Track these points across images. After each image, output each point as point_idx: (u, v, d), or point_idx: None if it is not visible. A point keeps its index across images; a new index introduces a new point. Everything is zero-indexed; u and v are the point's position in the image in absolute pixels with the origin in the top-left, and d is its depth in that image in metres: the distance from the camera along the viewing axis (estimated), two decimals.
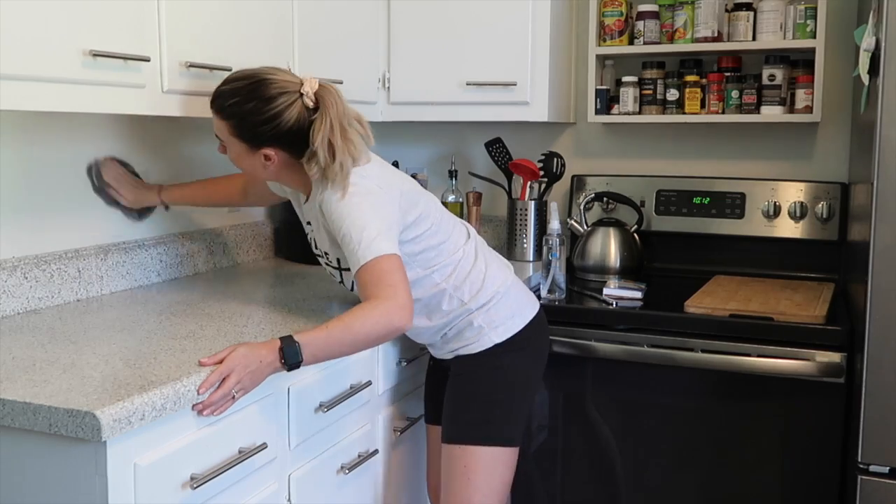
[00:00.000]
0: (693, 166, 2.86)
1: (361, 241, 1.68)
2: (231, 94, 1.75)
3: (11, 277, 1.91)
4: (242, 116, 1.74)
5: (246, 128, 1.75)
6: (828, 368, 2.08)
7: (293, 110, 1.73)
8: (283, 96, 1.72)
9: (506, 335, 1.93)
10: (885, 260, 1.88)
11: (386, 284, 1.65)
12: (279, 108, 1.72)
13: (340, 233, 1.72)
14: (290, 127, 1.73)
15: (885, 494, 1.94)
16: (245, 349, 1.53)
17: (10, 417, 1.31)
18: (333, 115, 1.72)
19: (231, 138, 1.78)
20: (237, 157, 1.82)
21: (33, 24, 1.54)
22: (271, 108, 1.72)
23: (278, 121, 1.72)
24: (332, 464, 1.89)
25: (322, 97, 1.74)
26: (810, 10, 2.52)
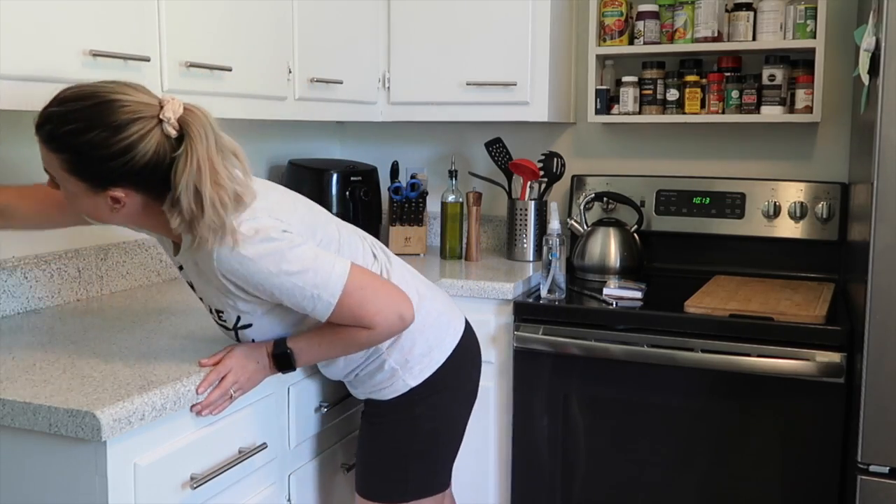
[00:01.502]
0: (693, 166, 2.86)
1: (316, 286, 1.46)
2: (64, 119, 1.34)
3: (11, 277, 1.91)
4: (80, 150, 1.34)
5: (86, 164, 1.36)
6: (828, 368, 2.08)
7: (150, 141, 1.35)
8: (136, 123, 1.34)
9: (423, 376, 1.69)
10: (885, 260, 1.88)
11: (369, 309, 1.51)
12: (131, 140, 1.34)
13: (273, 294, 1.46)
14: (147, 163, 1.35)
15: (885, 494, 1.94)
16: (243, 350, 1.53)
17: (10, 417, 1.31)
18: (202, 153, 1.36)
19: (65, 175, 1.38)
20: (73, 197, 1.42)
21: (33, 23, 1.54)
22: (121, 138, 1.33)
23: (130, 155, 1.34)
24: (332, 464, 1.89)
25: (188, 124, 1.37)
26: (810, 10, 2.52)
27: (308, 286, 1.46)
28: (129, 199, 1.40)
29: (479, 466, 2.44)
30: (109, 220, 1.47)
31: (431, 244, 3.06)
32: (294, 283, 1.45)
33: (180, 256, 1.53)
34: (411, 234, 2.92)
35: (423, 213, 2.93)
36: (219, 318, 1.59)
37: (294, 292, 1.46)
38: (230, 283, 1.46)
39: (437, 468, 1.78)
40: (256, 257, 1.42)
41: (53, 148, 1.37)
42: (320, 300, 1.47)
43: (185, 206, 1.35)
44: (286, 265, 1.44)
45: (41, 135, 1.38)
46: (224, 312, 1.55)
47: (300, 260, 1.45)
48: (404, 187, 2.94)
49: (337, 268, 1.49)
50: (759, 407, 2.17)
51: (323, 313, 1.49)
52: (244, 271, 1.43)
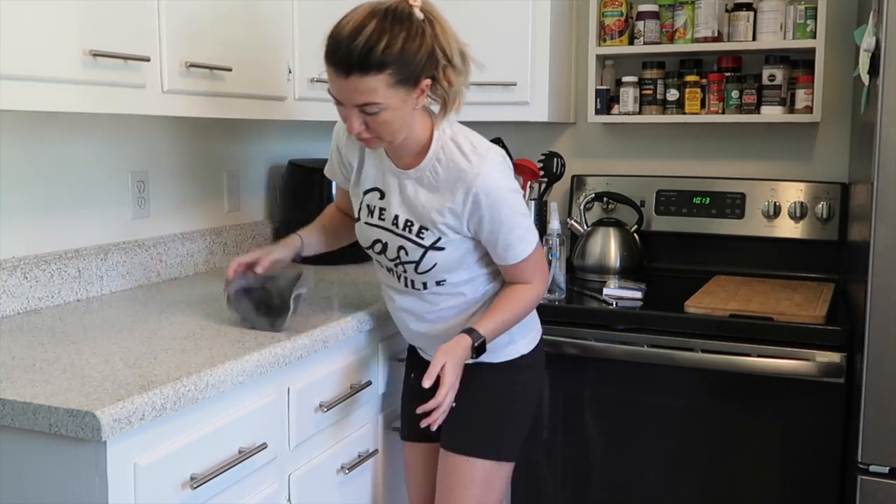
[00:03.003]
0: (693, 166, 2.86)
1: (526, 232, 1.73)
2: (374, 40, 1.53)
3: (11, 277, 1.91)
4: (399, 57, 1.54)
5: (406, 67, 1.56)
6: (828, 368, 2.08)
7: (423, 26, 1.58)
8: (408, 17, 1.56)
9: (529, 346, 1.90)
10: (885, 260, 1.88)
11: (542, 267, 1.82)
12: (415, 30, 1.56)
13: (501, 222, 1.70)
14: (433, 44, 1.59)
15: (885, 494, 1.94)
16: (453, 360, 1.72)
17: (10, 417, 1.31)
18: (446, 24, 1.63)
19: (389, 91, 1.56)
20: (391, 117, 1.60)
21: (33, 24, 1.54)
22: (413, 32, 1.56)
23: (425, 42, 1.58)
24: (332, 464, 1.89)
25: (427, 5, 1.61)
26: (810, 10, 2.52)
27: (523, 228, 1.73)
28: (427, 87, 1.62)
29: None
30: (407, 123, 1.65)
31: None
32: (517, 222, 1.72)
33: (414, 171, 1.73)
34: None
35: None
36: (416, 236, 1.74)
37: (513, 229, 1.71)
38: (470, 200, 1.68)
39: (519, 437, 1.91)
40: (514, 189, 1.72)
41: (377, 70, 1.53)
42: (525, 241, 1.74)
43: (459, 66, 1.62)
44: (520, 206, 1.73)
45: (358, 69, 1.53)
46: (428, 230, 1.73)
47: (523, 204, 1.75)
48: None
49: (535, 231, 1.77)
50: (759, 407, 2.17)
51: (520, 254, 1.74)
52: (497, 193, 1.68)
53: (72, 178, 2.10)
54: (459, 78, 1.65)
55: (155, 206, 2.36)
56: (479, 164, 1.67)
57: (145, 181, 2.32)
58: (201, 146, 2.54)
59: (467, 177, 1.67)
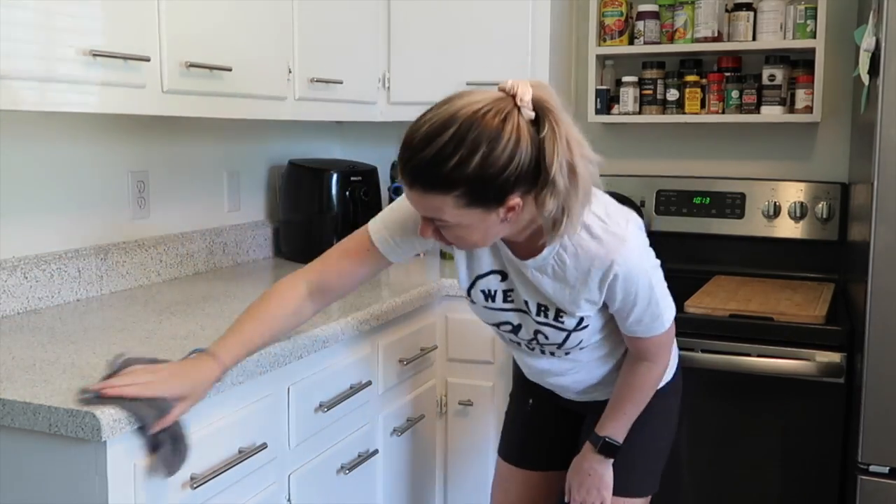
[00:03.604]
0: (693, 166, 2.86)
1: (663, 311, 1.56)
2: (444, 156, 1.28)
3: (11, 277, 1.91)
4: (473, 177, 1.28)
5: (482, 187, 1.30)
6: (828, 368, 2.08)
7: (523, 134, 1.29)
8: (506, 124, 1.28)
9: (671, 372, 1.75)
10: (885, 260, 1.88)
11: (669, 343, 1.64)
12: (511, 141, 1.28)
13: (636, 302, 1.50)
14: (531, 157, 1.30)
15: (885, 494, 1.94)
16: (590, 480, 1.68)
17: (10, 417, 1.31)
18: (564, 127, 1.31)
19: (459, 211, 1.32)
20: (465, 232, 1.38)
21: (33, 24, 1.54)
22: (503, 145, 1.27)
23: (517, 157, 1.29)
24: (332, 464, 1.89)
25: (542, 101, 1.31)
26: (810, 10, 2.52)
27: (661, 307, 1.54)
28: (517, 207, 1.34)
29: (479, 466, 2.44)
30: (495, 235, 1.43)
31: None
32: (656, 301, 1.52)
33: (535, 261, 1.49)
34: None
35: None
36: (555, 321, 1.57)
37: (648, 307, 1.52)
38: (606, 286, 1.48)
39: (663, 469, 1.79)
40: (655, 265, 1.53)
41: (442, 189, 1.30)
42: (659, 320, 1.55)
43: (560, 187, 1.30)
44: (659, 283, 1.54)
45: (421, 184, 1.31)
46: (566, 314, 1.55)
47: (663, 280, 1.57)
48: None
49: (672, 301, 1.60)
50: (759, 407, 2.17)
51: (649, 332, 1.56)
52: (636, 275, 1.48)
53: (72, 178, 2.10)
54: (555, 200, 1.31)
55: (155, 206, 2.36)
56: (617, 246, 1.46)
57: (145, 181, 2.32)
58: (201, 146, 2.54)
59: (603, 263, 1.46)
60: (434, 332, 2.36)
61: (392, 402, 2.15)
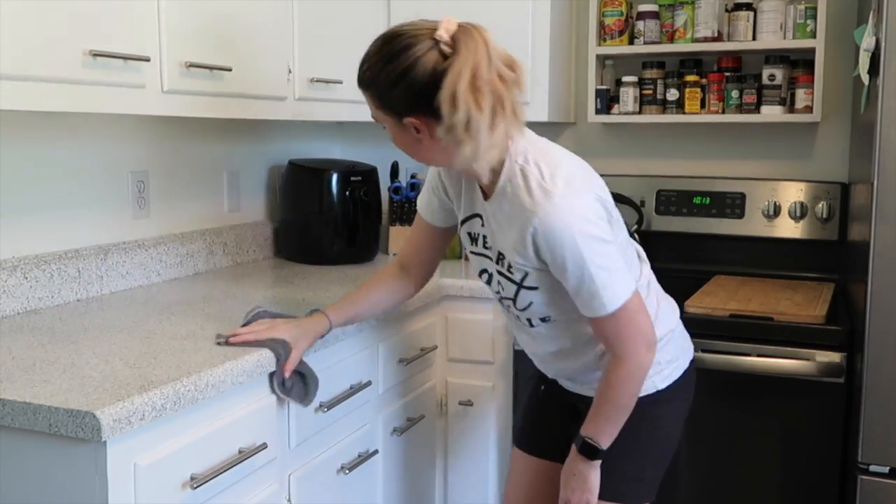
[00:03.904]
0: (693, 166, 2.86)
1: (601, 288, 1.48)
2: (365, 60, 1.50)
3: (11, 277, 1.91)
4: (377, 84, 1.48)
5: (383, 96, 1.48)
6: (828, 368, 2.08)
7: (426, 61, 1.42)
8: (412, 47, 1.43)
9: (670, 380, 1.70)
10: (885, 260, 1.88)
11: (629, 334, 1.53)
12: (408, 62, 1.43)
13: (566, 269, 1.47)
14: (422, 82, 1.42)
15: (885, 494, 1.94)
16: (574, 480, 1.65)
17: (10, 417, 1.31)
18: (464, 61, 1.40)
19: (378, 113, 1.53)
20: (393, 136, 1.55)
21: (33, 24, 1.54)
22: (401, 63, 1.43)
23: (408, 78, 1.43)
24: (332, 464, 1.89)
25: (458, 40, 1.42)
26: (810, 10, 2.52)
27: (596, 282, 1.47)
28: (424, 127, 1.47)
29: (479, 466, 2.44)
30: (425, 155, 1.55)
31: None
32: (588, 271, 1.46)
33: (489, 203, 1.57)
34: None
35: None
36: (507, 271, 1.59)
37: (583, 281, 1.48)
38: (530, 242, 1.49)
39: (659, 478, 1.75)
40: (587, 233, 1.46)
41: (363, 88, 1.52)
42: (597, 298, 1.49)
43: (444, 113, 1.39)
44: (592, 254, 1.46)
45: (358, 84, 1.52)
46: (514, 268, 1.57)
47: (607, 256, 1.48)
48: (404, 187, 2.94)
49: (626, 285, 1.51)
50: (759, 407, 2.17)
51: (594, 310, 1.51)
52: (558, 237, 1.45)
53: (72, 178, 2.10)
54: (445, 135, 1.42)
55: (155, 206, 2.36)
56: (540, 201, 1.46)
57: (145, 181, 2.32)
58: (201, 146, 2.54)
59: (526, 214, 1.48)
60: (434, 332, 2.36)
61: (392, 402, 2.16)
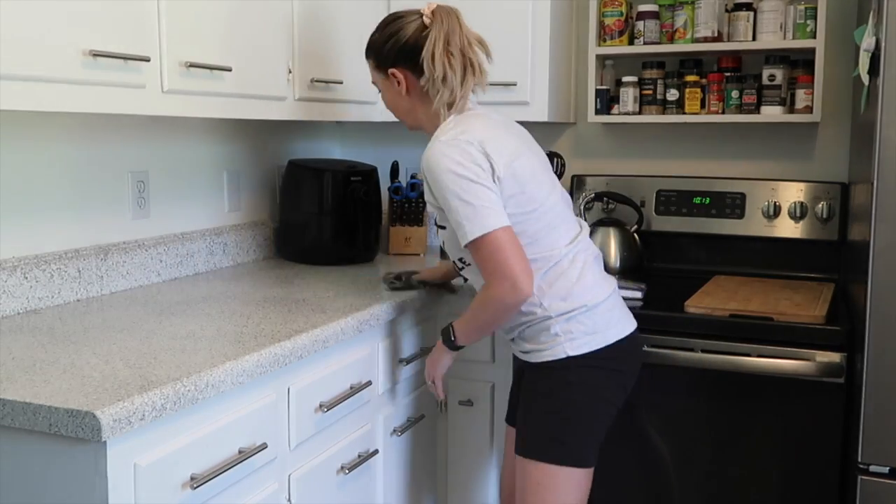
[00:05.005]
0: (693, 166, 2.86)
1: (463, 219, 1.73)
2: (371, 35, 1.98)
3: (11, 277, 1.91)
4: (375, 47, 1.96)
5: (377, 53, 1.95)
6: (828, 368, 2.08)
7: (408, 29, 1.90)
8: (402, 18, 1.92)
9: (580, 350, 1.80)
10: (885, 260, 1.88)
11: (492, 267, 1.73)
12: (397, 27, 1.91)
13: (442, 200, 1.77)
14: (407, 41, 1.89)
15: (885, 494, 1.94)
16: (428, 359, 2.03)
17: (10, 417, 1.31)
18: (439, 30, 1.86)
19: (375, 73, 1.99)
20: (383, 93, 2.01)
21: (33, 24, 1.54)
22: (392, 28, 1.92)
23: (396, 37, 1.90)
24: (332, 464, 1.89)
25: (435, 14, 1.89)
26: (810, 10, 2.52)
27: (460, 214, 1.73)
28: (404, 77, 1.92)
29: (479, 465, 2.44)
30: (403, 104, 1.98)
31: (431, 244, 3.05)
32: (453, 206, 1.73)
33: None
34: (411, 234, 2.92)
35: (423, 213, 2.93)
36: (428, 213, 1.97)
37: (450, 212, 1.75)
38: (425, 178, 1.82)
39: (582, 440, 1.85)
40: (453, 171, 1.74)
41: (367, 57, 2.00)
42: (462, 229, 1.73)
43: (427, 73, 1.86)
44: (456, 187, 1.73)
45: (366, 56, 2.01)
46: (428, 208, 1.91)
47: (474, 194, 1.72)
48: (404, 187, 2.93)
49: (490, 219, 1.72)
50: (759, 407, 2.17)
51: (462, 238, 1.75)
52: (432, 171, 1.77)
53: (72, 178, 2.10)
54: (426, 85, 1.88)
55: (155, 206, 2.36)
56: (431, 144, 1.81)
57: (145, 181, 2.32)
58: (201, 146, 2.54)
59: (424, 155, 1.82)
60: (434, 332, 2.36)
61: (392, 402, 2.16)
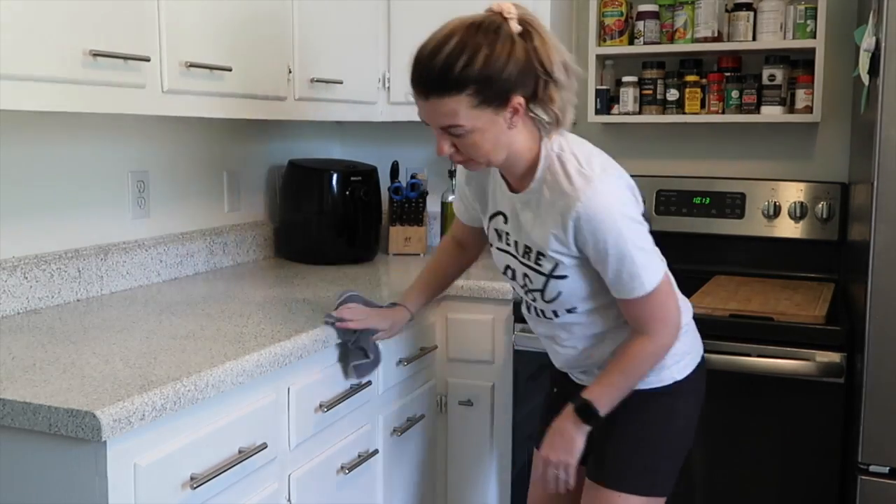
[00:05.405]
0: (693, 166, 2.86)
1: (640, 269, 1.53)
2: (454, 58, 1.44)
3: (11, 277, 1.91)
4: (483, 74, 1.43)
5: (490, 84, 1.45)
6: (828, 368, 2.08)
7: (516, 39, 1.46)
8: (500, 30, 1.46)
9: (684, 372, 1.71)
10: (885, 260, 1.88)
11: (662, 315, 1.59)
12: (506, 43, 1.45)
13: (607, 252, 1.51)
14: (525, 58, 1.47)
15: (885, 494, 1.94)
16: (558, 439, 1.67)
17: (10, 417, 1.31)
18: (542, 35, 1.48)
19: (473, 112, 1.46)
20: (479, 138, 1.50)
21: (33, 24, 1.54)
22: (503, 46, 1.44)
23: (514, 56, 1.45)
24: (332, 464, 1.89)
25: (527, 17, 1.49)
26: (810, 10, 2.52)
27: (637, 264, 1.53)
28: (520, 106, 1.49)
29: (479, 466, 2.44)
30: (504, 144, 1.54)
31: (431, 244, 3.05)
32: (629, 255, 1.52)
33: (523, 194, 1.61)
34: (411, 234, 2.92)
35: (423, 213, 2.93)
36: (535, 263, 1.63)
37: (622, 262, 1.52)
38: (571, 226, 1.53)
39: (674, 472, 1.74)
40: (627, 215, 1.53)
41: (456, 90, 1.44)
42: (637, 279, 1.54)
43: (563, 81, 1.50)
44: (632, 235, 1.53)
45: (436, 91, 1.46)
46: (545, 258, 1.60)
47: (645, 237, 1.56)
48: (404, 187, 2.94)
49: (661, 263, 1.60)
50: (759, 407, 2.16)
51: (633, 291, 1.55)
52: (600, 218, 1.50)
53: (72, 178, 2.10)
54: (561, 94, 1.51)
55: (155, 206, 2.36)
56: (583, 187, 1.51)
57: (145, 181, 2.32)
58: (201, 146, 2.54)
59: (568, 200, 1.51)
60: (434, 332, 2.36)
61: (392, 402, 2.15)
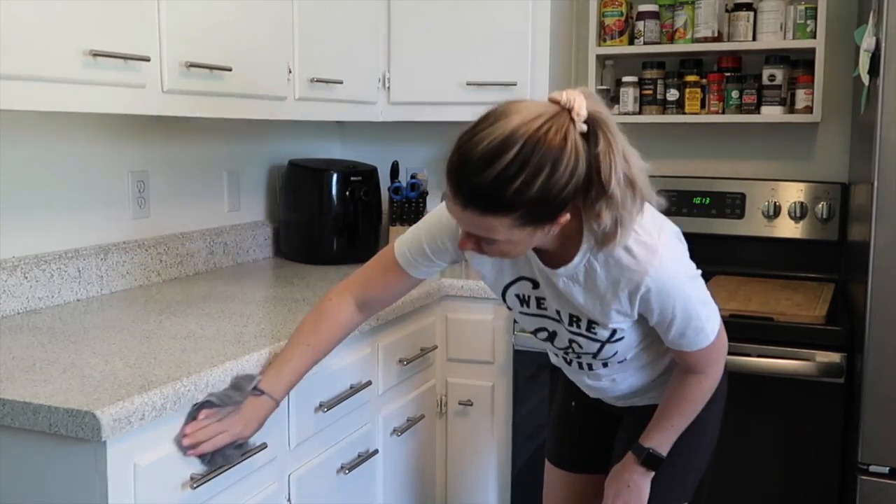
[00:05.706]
0: (693, 166, 2.86)
1: (705, 322, 1.48)
2: (510, 179, 1.22)
3: (11, 277, 1.91)
4: (534, 199, 1.24)
5: (542, 208, 1.26)
6: (828, 368, 2.08)
7: (580, 152, 1.25)
8: (566, 142, 1.23)
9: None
10: (885, 260, 1.88)
11: (717, 355, 1.56)
12: (572, 160, 1.24)
13: (674, 314, 1.44)
14: (588, 174, 1.27)
15: (885, 494, 1.94)
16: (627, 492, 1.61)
17: (10, 417, 1.31)
18: (620, 141, 1.30)
19: (512, 231, 1.28)
20: (510, 248, 1.34)
21: (33, 24, 1.54)
22: (566, 165, 1.23)
23: (577, 174, 1.25)
24: (332, 464, 1.89)
25: (597, 116, 1.27)
26: (810, 10, 2.52)
27: (702, 319, 1.47)
28: (566, 221, 1.31)
29: (479, 466, 2.44)
30: (528, 250, 1.42)
31: None
32: (695, 313, 1.46)
33: (563, 269, 1.44)
34: None
35: (423, 213, 2.93)
36: (587, 332, 1.52)
37: (689, 321, 1.46)
38: (638, 299, 1.42)
39: (697, 481, 1.72)
40: (691, 276, 1.46)
41: (502, 212, 1.25)
42: (703, 333, 1.49)
43: (618, 199, 1.28)
44: (698, 294, 1.47)
45: (479, 207, 1.25)
46: (600, 326, 1.50)
47: (704, 289, 1.50)
48: (404, 187, 2.94)
49: (715, 307, 1.53)
50: (759, 407, 2.17)
51: (693, 345, 1.50)
52: (670, 287, 1.42)
53: (72, 178, 2.10)
54: (612, 212, 1.30)
55: (155, 206, 2.36)
56: (648, 259, 1.39)
57: (145, 181, 2.32)
58: (201, 146, 2.54)
59: (634, 276, 1.40)
60: (434, 332, 2.36)
61: (392, 402, 2.15)
